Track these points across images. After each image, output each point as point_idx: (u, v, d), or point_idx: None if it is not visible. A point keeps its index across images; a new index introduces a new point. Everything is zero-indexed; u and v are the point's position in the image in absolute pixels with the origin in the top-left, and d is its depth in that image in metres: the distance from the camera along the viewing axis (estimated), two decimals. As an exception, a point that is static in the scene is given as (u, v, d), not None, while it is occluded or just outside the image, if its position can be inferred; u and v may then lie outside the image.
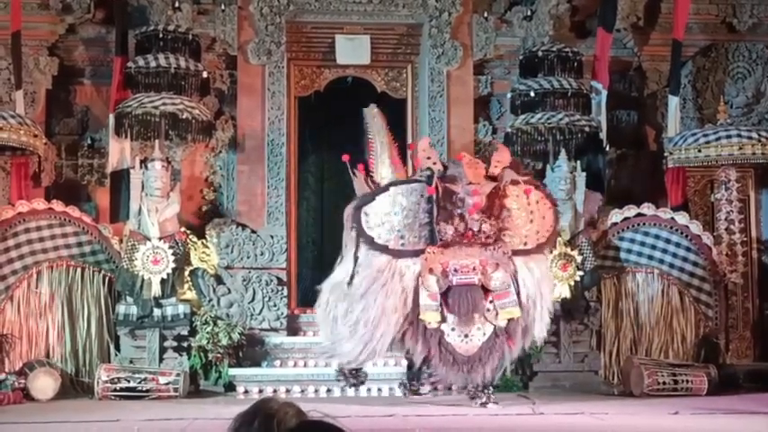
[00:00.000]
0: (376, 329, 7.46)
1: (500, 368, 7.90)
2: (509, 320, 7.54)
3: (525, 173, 10.39)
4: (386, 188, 7.78)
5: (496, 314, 7.51)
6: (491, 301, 7.53)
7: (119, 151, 10.17)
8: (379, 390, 9.14)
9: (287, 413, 1.95)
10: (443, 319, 7.49)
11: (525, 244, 7.70)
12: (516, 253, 7.64)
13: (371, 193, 7.82)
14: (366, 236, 7.62)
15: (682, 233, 10.01)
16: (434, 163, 7.76)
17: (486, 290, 7.51)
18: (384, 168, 8.18)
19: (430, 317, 7.45)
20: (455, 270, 7.46)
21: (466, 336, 7.52)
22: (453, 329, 7.52)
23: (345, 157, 7.81)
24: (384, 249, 7.56)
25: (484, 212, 7.53)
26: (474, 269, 7.45)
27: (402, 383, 8.68)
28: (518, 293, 7.56)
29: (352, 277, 7.69)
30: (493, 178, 7.68)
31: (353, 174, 8.11)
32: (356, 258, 7.73)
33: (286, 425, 1.93)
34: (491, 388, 7.90)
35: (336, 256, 8.25)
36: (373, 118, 8.53)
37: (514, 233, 7.68)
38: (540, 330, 7.72)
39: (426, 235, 7.60)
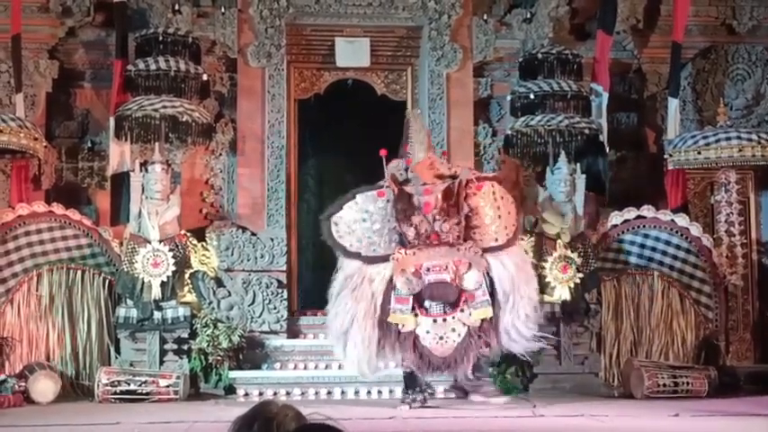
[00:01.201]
0: (347, 335, 7.55)
1: (484, 367, 8.00)
2: (482, 321, 7.60)
3: (524, 176, 10.46)
4: (352, 196, 7.87)
5: (469, 314, 7.57)
6: (464, 301, 7.59)
7: (119, 154, 10.18)
8: (380, 392, 9.13)
9: (286, 416, 1.95)
10: (417, 323, 7.55)
11: (496, 240, 7.77)
12: (488, 250, 7.70)
13: (339, 202, 7.91)
14: (338, 245, 7.73)
15: (682, 235, 10.01)
16: (397, 168, 7.88)
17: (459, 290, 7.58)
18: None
19: (398, 319, 7.53)
20: (428, 270, 7.53)
21: (441, 338, 7.58)
22: (428, 332, 7.58)
23: (383, 152, 7.81)
24: (357, 257, 7.69)
25: (444, 211, 7.59)
26: (446, 268, 7.51)
27: (406, 400, 8.09)
28: (492, 292, 7.61)
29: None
30: (454, 177, 7.74)
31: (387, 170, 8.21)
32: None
33: (285, 428, 1.93)
34: (489, 379, 8.01)
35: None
36: (415, 121, 8.62)
37: (484, 231, 7.75)
38: (522, 323, 7.67)
39: (397, 239, 7.75)
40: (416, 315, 7.60)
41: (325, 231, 7.84)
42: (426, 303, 7.64)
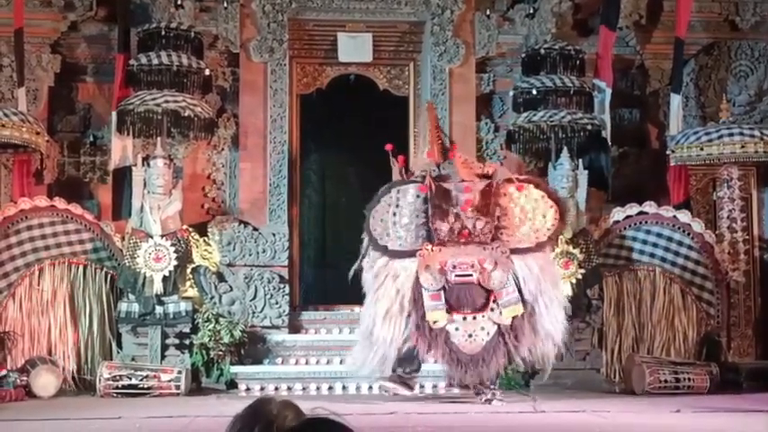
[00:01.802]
0: (371, 335, 7.55)
1: (509, 365, 7.98)
2: (513, 318, 7.58)
3: (526, 171, 10.43)
4: (388, 190, 7.87)
5: (500, 313, 7.55)
6: (494, 301, 7.57)
7: (121, 149, 10.18)
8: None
9: (286, 417, 1.94)
10: (450, 319, 7.54)
11: (523, 242, 7.75)
12: (514, 251, 7.68)
13: (377, 195, 7.94)
14: (372, 237, 7.73)
15: (684, 231, 10.01)
16: (429, 165, 7.89)
17: (485, 289, 7.56)
18: (418, 160, 8.30)
19: (437, 316, 7.51)
20: (453, 267, 7.51)
21: (470, 335, 7.57)
22: (458, 329, 7.57)
23: (389, 147, 7.82)
24: (384, 250, 7.68)
25: (479, 210, 7.59)
26: (472, 266, 7.50)
27: (392, 378, 8.30)
28: (520, 291, 7.60)
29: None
30: (487, 177, 7.73)
31: (393, 164, 8.21)
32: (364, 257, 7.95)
33: (286, 427, 1.92)
34: (496, 384, 7.97)
35: (339, 253, 8.32)
36: (428, 113, 8.61)
37: (512, 231, 7.73)
38: (552, 323, 7.70)
39: (423, 235, 7.71)
40: (448, 312, 7.59)
41: (366, 225, 7.88)
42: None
